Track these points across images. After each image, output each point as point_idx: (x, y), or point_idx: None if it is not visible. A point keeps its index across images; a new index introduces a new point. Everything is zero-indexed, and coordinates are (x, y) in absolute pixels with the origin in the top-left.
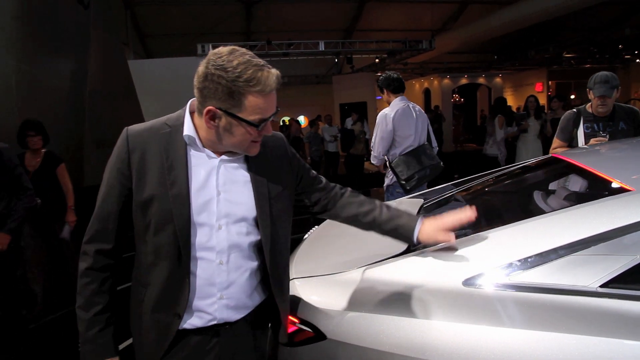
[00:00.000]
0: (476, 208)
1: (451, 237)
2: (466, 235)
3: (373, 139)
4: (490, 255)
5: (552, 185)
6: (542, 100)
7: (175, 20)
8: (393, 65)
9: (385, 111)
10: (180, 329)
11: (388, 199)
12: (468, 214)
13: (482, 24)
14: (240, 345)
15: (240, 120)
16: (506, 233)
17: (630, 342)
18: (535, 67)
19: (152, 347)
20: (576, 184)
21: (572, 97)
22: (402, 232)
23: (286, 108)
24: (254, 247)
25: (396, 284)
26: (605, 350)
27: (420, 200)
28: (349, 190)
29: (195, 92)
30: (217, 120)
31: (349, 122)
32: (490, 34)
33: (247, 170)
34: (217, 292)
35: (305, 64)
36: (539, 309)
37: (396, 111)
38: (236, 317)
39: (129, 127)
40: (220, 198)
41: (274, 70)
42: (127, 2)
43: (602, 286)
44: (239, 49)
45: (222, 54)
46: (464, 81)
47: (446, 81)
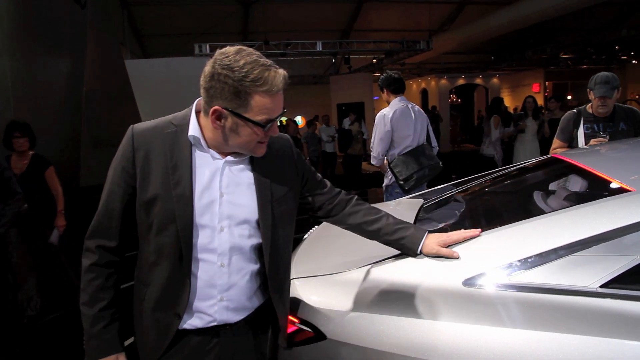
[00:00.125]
0: (476, 208)
1: (454, 254)
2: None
3: (372, 139)
4: (490, 255)
5: (552, 186)
6: (539, 101)
7: (172, 20)
8: (390, 65)
9: (383, 111)
10: (180, 329)
11: (387, 199)
12: (474, 234)
13: (479, 24)
14: (241, 346)
15: (247, 120)
16: (506, 233)
17: (631, 342)
18: (532, 68)
19: (152, 346)
20: (576, 184)
21: (569, 97)
22: (406, 243)
23: None
24: (255, 249)
25: (396, 284)
26: (606, 350)
27: (420, 201)
28: (355, 197)
29: (202, 92)
30: (223, 120)
31: (346, 123)
32: (487, 35)
33: (251, 171)
34: (217, 294)
35: (302, 64)
36: (539, 309)
37: (394, 111)
38: (236, 318)
39: (135, 125)
40: (223, 200)
41: (281, 71)
42: (124, 2)
43: (602, 286)
44: (245, 48)
45: (228, 53)
46: (461, 82)
47: (443, 82)
